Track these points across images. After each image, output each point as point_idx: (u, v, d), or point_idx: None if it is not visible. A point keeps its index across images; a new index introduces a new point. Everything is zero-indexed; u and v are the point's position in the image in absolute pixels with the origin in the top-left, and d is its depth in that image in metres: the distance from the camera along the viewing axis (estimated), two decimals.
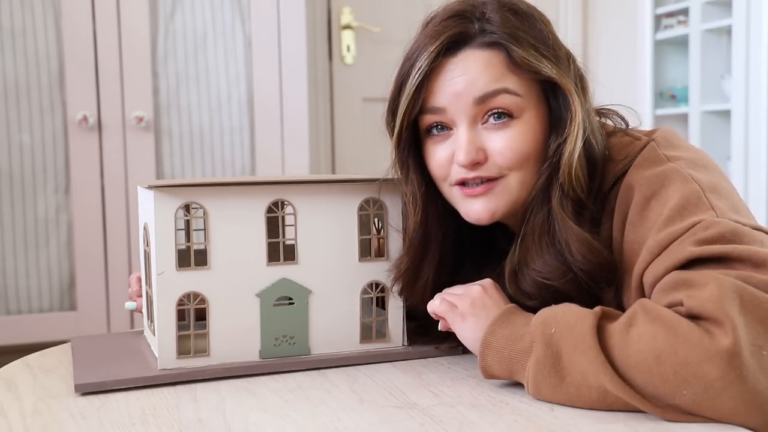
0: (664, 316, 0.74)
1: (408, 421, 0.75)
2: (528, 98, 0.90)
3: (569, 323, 0.78)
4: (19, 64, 2.30)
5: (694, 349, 0.71)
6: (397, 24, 3.19)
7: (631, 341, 0.74)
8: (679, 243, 0.79)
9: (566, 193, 0.89)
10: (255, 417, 0.77)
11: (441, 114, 0.91)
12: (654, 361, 0.72)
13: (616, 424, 0.73)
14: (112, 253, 2.37)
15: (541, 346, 0.79)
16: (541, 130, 0.91)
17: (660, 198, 0.84)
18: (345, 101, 3.12)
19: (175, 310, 0.90)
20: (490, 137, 0.90)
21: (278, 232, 0.92)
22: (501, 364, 0.83)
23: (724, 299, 0.72)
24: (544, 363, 0.78)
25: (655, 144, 0.90)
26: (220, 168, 2.48)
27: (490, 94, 0.89)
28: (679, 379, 0.71)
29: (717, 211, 0.81)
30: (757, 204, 2.74)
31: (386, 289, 0.98)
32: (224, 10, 2.46)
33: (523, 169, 0.91)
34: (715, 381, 0.70)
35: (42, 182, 2.34)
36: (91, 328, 2.35)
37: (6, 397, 0.85)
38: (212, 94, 2.47)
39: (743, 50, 2.79)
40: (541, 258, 0.90)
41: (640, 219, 0.85)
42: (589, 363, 0.75)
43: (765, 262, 0.75)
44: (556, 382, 0.78)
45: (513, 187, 0.91)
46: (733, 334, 0.70)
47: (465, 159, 0.89)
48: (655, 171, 0.86)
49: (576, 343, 0.76)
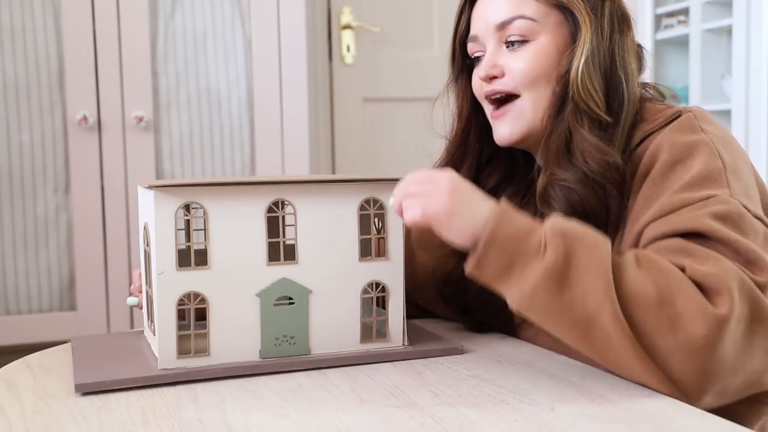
0: (672, 271, 0.80)
1: (408, 421, 0.75)
2: (545, 23, 1.00)
3: (587, 243, 0.81)
4: (19, 64, 2.30)
5: (691, 305, 0.77)
6: (397, 24, 3.19)
7: (640, 281, 0.79)
8: (691, 210, 0.85)
9: (581, 108, 0.96)
10: (255, 417, 0.77)
11: (476, 42, 1.05)
12: (655, 305, 0.78)
13: (617, 424, 0.73)
14: (111, 253, 2.37)
15: (554, 255, 0.80)
16: (557, 53, 1.00)
17: (685, 164, 0.89)
18: (345, 101, 3.12)
19: (175, 310, 0.90)
20: (509, 57, 1.01)
21: (278, 232, 0.92)
22: (501, 258, 0.82)
23: (727, 275, 0.78)
24: (552, 271, 0.80)
25: (693, 115, 0.95)
26: (220, 168, 2.48)
27: (508, 20, 1.01)
28: (670, 325, 0.77)
29: (732, 190, 0.87)
30: None
31: (387, 289, 0.98)
32: (224, 10, 2.46)
33: (534, 89, 1.00)
34: (698, 338, 0.76)
35: (42, 182, 2.34)
36: (91, 328, 2.35)
37: (6, 397, 0.85)
38: (212, 94, 2.47)
39: (743, 50, 2.79)
40: (563, 168, 0.96)
41: (661, 179, 0.90)
42: (598, 286, 0.78)
43: (757, 262, 0.82)
44: (554, 292, 0.80)
45: (527, 109, 1.00)
46: (730, 305, 0.77)
47: (482, 72, 1.02)
48: (689, 139, 0.92)
49: (590, 262, 0.79)
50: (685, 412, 0.76)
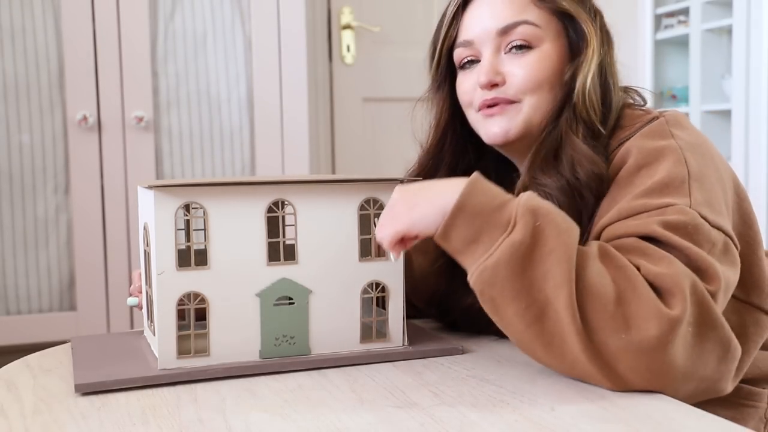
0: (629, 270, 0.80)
1: (408, 421, 0.75)
2: (547, 30, 1.00)
3: (558, 225, 0.80)
4: (19, 64, 2.30)
5: (645, 305, 0.77)
6: (397, 24, 3.19)
7: (602, 274, 0.79)
8: (648, 216, 0.85)
9: (579, 115, 0.96)
10: (255, 417, 0.77)
11: (470, 47, 1.02)
12: (613, 302, 0.78)
13: (617, 424, 0.73)
14: (111, 253, 2.37)
15: (522, 232, 0.79)
16: (559, 61, 1.00)
17: (650, 169, 0.89)
18: (345, 101, 3.12)
19: (175, 310, 0.90)
20: (510, 63, 1.00)
21: (278, 232, 0.92)
22: (468, 229, 0.81)
23: (680, 276, 0.79)
24: (517, 248, 0.78)
25: (665, 120, 0.95)
26: (220, 168, 2.48)
27: (510, 26, 0.99)
28: (624, 323, 0.77)
29: (692, 200, 0.86)
30: (758, 204, 2.74)
31: (387, 289, 0.98)
32: (224, 10, 2.46)
33: (536, 95, 0.99)
34: (651, 338, 0.76)
35: (42, 182, 2.34)
36: (91, 328, 2.35)
37: (6, 397, 0.85)
38: (212, 94, 2.47)
39: (743, 50, 2.79)
40: (548, 173, 0.96)
41: (626, 183, 0.90)
42: (559, 272, 0.78)
43: (707, 270, 0.81)
44: (516, 271, 0.78)
45: (526, 111, 1.00)
46: (682, 306, 0.77)
47: (485, 79, 0.99)
48: (656, 144, 0.91)
49: (557, 247, 0.79)
50: (685, 412, 0.76)
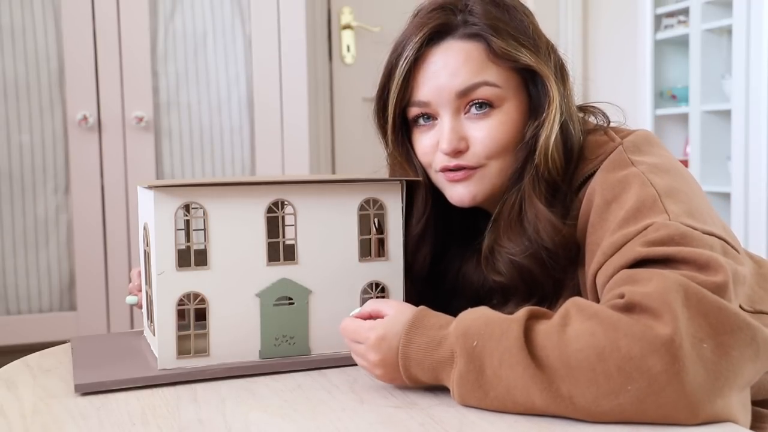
0: (601, 313, 0.73)
1: (408, 421, 0.75)
2: (507, 88, 0.95)
3: (493, 335, 0.76)
4: (19, 64, 2.30)
5: (636, 343, 0.70)
6: (397, 24, 3.18)
7: (569, 341, 0.72)
8: (631, 244, 0.80)
9: (541, 174, 0.93)
10: (255, 417, 0.77)
11: (426, 106, 0.97)
12: (596, 359, 0.70)
13: (617, 424, 0.73)
14: (112, 253, 2.37)
15: (464, 360, 0.76)
16: (521, 119, 0.96)
17: (619, 201, 0.86)
18: (345, 101, 3.12)
19: (175, 310, 0.90)
20: (472, 126, 0.96)
21: (278, 232, 0.92)
22: (425, 372, 0.80)
23: (667, 292, 0.72)
24: (467, 378, 0.76)
25: (623, 148, 0.92)
26: (220, 168, 2.48)
27: (470, 88, 0.94)
28: (623, 375, 0.70)
29: (670, 214, 0.82)
30: (758, 204, 2.74)
31: (386, 289, 0.97)
32: (224, 10, 2.46)
33: (501, 158, 0.96)
34: (659, 374, 0.69)
35: (42, 182, 2.34)
36: (91, 328, 2.35)
37: (6, 397, 0.85)
38: (212, 94, 2.47)
39: (743, 50, 2.79)
40: (510, 237, 0.94)
41: (599, 222, 0.87)
42: (517, 378, 0.73)
43: (708, 263, 0.75)
44: (480, 396, 0.76)
45: (493, 174, 0.96)
46: (672, 324, 0.70)
47: (448, 147, 0.95)
48: (618, 175, 0.88)
49: (502, 356, 0.74)
50: None
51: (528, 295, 0.96)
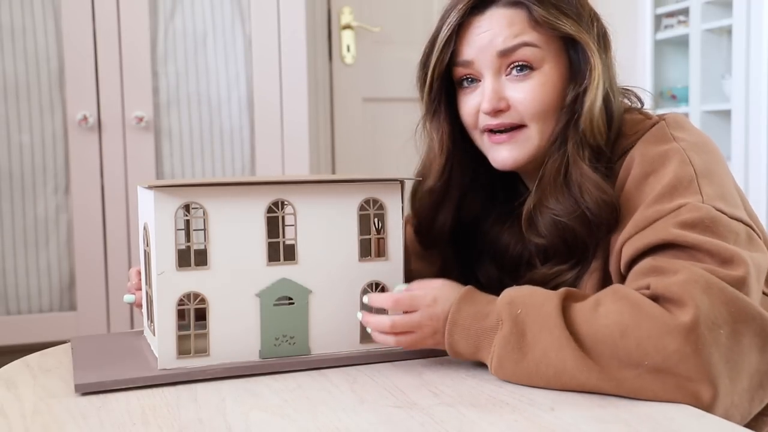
0: (630, 296, 0.80)
1: (408, 421, 0.75)
2: (548, 51, 0.98)
3: (536, 304, 0.83)
4: (19, 64, 2.30)
5: (655, 324, 0.77)
6: (397, 24, 3.19)
7: (599, 317, 0.80)
8: (663, 221, 0.85)
9: (586, 139, 0.95)
10: (255, 417, 0.77)
11: (469, 66, 1.00)
12: (619, 335, 0.78)
13: (617, 424, 0.73)
14: (112, 253, 2.37)
15: (508, 325, 0.84)
16: (561, 82, 0.98)
17: (657, 175, 0.90)
18: (345, 101, 3.12)
19: (175, 310, 0.90)
20: (513, 87, 0.98)
21: (278, 232, 0.92)
22: (468, 341, 0.87)
23: (690, 283, 0.78)
24: (509, 339, 0.83)
25: (665, 123, 0.95)
26: (220, 168, 2.48)
27: (511, 48, 0.97)
28: (641, 351, 0.77)
29: (704, 196, 0.86)
30: (757, 204, 2.74)
31: (386, 289, 0.97)
32: (224, 10, 2.46)
33: (542, 120, 0.98)
34: (672, 353, 0.76)
35: (42, 182, 2.34)
36: (91, 328, 2.35)
37: (6, 397, 0.85)
38: (212, 94, 2.46)
39: (743, 50, 2.79)
40: (555, 198, 0.97)
41: (636, 192, 0.91)
42: (554, 340, 0.81)
43: (732, 258, 0.81)
44: (518, 358, 0.83)
45: (534, 137, 0.99)
46: (693, 312, 0.76)
47: (488, 106, 0.98)
48: (659, 149, 0.92)
49: (542, 321, 0.82)
50: (685, 413, 0.76)
51: (566, 257, 0.98)
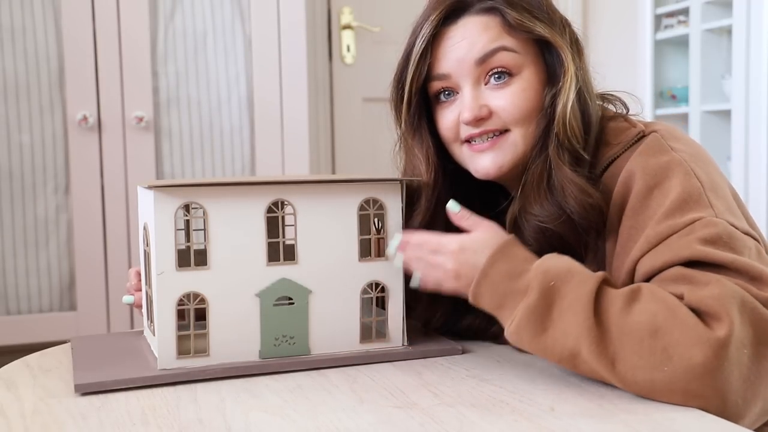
0: (668, 300, 0.79)
1: (408, 421, 0.75)
2: (525, 56, 0.97)
3: (572, 282, 0.82)
4: (19, 64, 2.30)
5: (688, 332, 0.76)
6: (397, 24, 3.18)
7: (632, 312, 0.78)
8: (679, 237, 0.83)
9: (562, 143, 0.94)
10: (255, 417, 0.77)
11: (446, 80, 0.98)
12: (648, 335, 0.77)
13: (617, 424, 0.73)
14: (112, 253, 2.37)
15: (537, 295, 0.82)
16: (540, 87, 0.97)
17: (663, 188, 0.88)
18: (345, 101, 3.12)
19: (174, 310, 0.90)
20: (493, 95, 0.97)
21: (278, 232, 0.92)
22: (493, 297, 0.86)
23: (726, 298, 0.77)
24: (534, 311, 0.82)
25: (660, 134, 0.94)
26: (220, 168, 2.48)
27: (489, 54, 0.96)
28: (665, 355, 0.76)
29: (715, 210, 0.85)
30: (757, 204, 2.74)
31: (386, 289, 0.97)
32: (224, 10, 2.46)
33: (524, 124, 0.97)
34: (697, 365, 0.74)
35: (42, 182, 2.34)
36: (91, 328, 2.35)
37: (6, 397, 0.85)
38: (212, 94, 2.46)
39: (743, 50, 2.79)
40: (540, 204, 0.96)
41: (641, 207, 0.89)
42: (576, 325, 0.79)
43: (761, 277, 0.80)
44: (537, 332, 0.82)
45: (518, 141, 0.97)
46: (728, 328, 0.75)
47: (469, 115, 0.96)
48: (660, 161, 0.90)
49: (571, 302, 0.80)
50: (685, 413, 0.76)
51: None
